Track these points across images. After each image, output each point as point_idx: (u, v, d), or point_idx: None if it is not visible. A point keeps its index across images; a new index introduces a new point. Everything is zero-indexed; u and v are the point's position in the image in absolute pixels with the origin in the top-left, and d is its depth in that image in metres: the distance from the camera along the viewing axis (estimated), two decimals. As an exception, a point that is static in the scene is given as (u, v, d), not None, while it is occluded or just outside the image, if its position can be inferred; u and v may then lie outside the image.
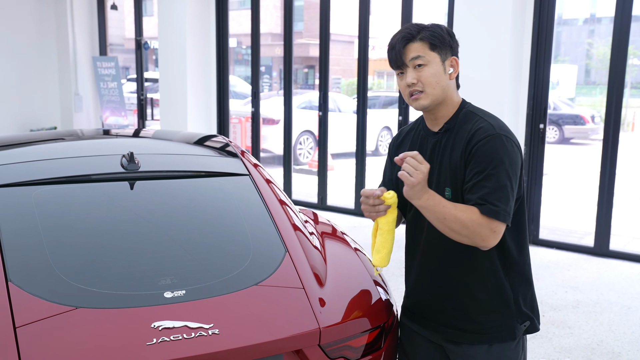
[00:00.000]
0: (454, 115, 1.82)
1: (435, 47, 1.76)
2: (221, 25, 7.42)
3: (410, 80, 1.76)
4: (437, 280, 1.85)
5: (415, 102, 1.79)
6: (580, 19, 31.27)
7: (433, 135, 1.85)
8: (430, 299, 1.88)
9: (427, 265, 1.87)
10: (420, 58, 1.75)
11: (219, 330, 1.66)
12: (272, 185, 2.44)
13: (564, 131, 14.24)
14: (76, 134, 3.01)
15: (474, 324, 1.83)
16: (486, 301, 1.82)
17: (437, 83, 1.77)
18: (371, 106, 12.55)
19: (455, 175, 1.75)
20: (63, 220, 2.04)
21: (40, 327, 1.60)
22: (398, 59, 1.78)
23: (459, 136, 1.77)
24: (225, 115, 7.64)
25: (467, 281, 1.82)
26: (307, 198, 7.29)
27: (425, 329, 1.92)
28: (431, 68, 1.76)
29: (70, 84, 8.37)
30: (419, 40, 1.76)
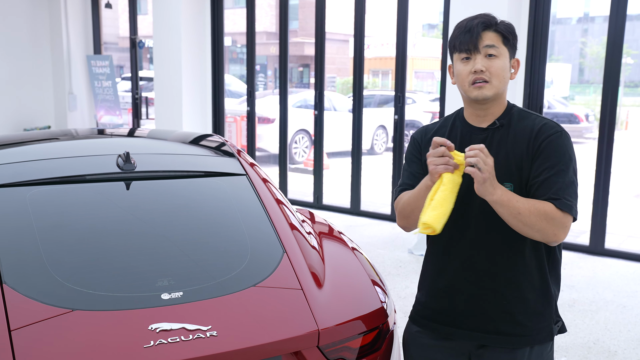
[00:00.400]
0: (504, 113, 1.80)
1: (507, 42, 1.75)
2: (216, 24, 7.39)
3: (479, 67, 1.71)
4: (482, 281, 1.79)
5: (478, 90, 1.73)
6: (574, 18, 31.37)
7: (480, 131, 1.80)
8: (468, 301, 1.81)
9: (473, 265, 1.79)
10: (494, 48, 1.72)
11: (217, 332, 1.65)
12: (268, 184, 2.43)
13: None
14: (71, 133, 2.99)
15: (519, 327, 1.78)
16: (534, 302, 1.79)
17: (503, 77, 1.74)
18: (366, 105, 12.55)
19: (520, 171, 1.72)
20: (58, 221, 2.02)
21: (35, 330, 1.58)
22: (472, 42, 1.72)
23: (519, 132, 1.75)
24: (221, 114, 7.62)
25: (518, 281, 1.77)
26: (303, 197, 7.28)
27: (452, 337, 1.85)
28: (501, 61, 1.73)
29: (64, 82, 8.32)
30: (495, 31, 1.73)
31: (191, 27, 7.23)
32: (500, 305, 1.79)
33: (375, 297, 1.98)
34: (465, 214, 1.79)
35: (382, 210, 6.70)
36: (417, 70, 24.54)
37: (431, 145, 1.69)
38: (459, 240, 1.82)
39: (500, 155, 1.75)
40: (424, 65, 24.56)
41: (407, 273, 4.77)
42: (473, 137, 1.81)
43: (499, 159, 1.74)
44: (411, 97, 13.57)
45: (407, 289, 4.44)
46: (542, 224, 1.64)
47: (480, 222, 1.77)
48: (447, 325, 1.87)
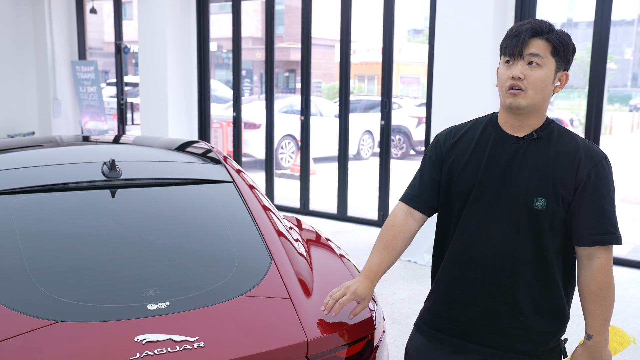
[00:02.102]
0: (543, 126, 1.75)
1: (556, 54, 1.68)
2: (202, 29, 7.36)
3: (517, 74, 1.66)
4: (503, 295, 1.74)
5: (512, 97, 1.68)
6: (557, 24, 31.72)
7: (514, 140, 1.74)
8: (485, 315, 1.76)
9: (495, 278, 1.74)
10: (538, 57, 1.66)
11: (204, 343, 1.62)
12: (255, 191, 2.41)
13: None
14: (55, 140, 2.95)
15: (532, 345, 1.75)
16: (550, 321, 1.75)
17: (542, 88, 1.68)
18: (352, 110, 12.56)
19: (557, 189, 1.68)
20: (42, 230, 1.98)
21: (18, 342, 1.54)
22: (517, 47, 1.66)
23: (561, 150, 1.70)
24: (207, 119, 7.58)
25: (539, 299, 1.74)
26: (290, 203, 7.26)
27: (461, 351, 1.81)
28: (543, 72, 1.67)
29: (48, 88, 8.24)
30: (545, 40, 1.67)
31: (177, 32, 7.19)
32: (517, 322, 1.75)
33: (365, 306, 1.96)
34: (492, 224, 1.74)
35: (369, 216, 6.69)
36: (402, 76, 24.64)
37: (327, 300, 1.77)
38: (482, 251, 1.76)
39: (535, 169, 1.71)
40: (409, 71, 24.67)
41: (394, 279, 4.76)
42: (506, 146, 1.75)
43: (534, 172, 1.70)
44: (397, 102, 13.61)
45: (395, 295, 4.43)
46: (614, 281, 1.72)
47: (510, 233, 1.72)
48: (458, 337, 1.82)
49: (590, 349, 1.71)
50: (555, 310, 1.75)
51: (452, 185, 1.81)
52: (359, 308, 1.78)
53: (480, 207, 1.75)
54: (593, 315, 1.70)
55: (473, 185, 1.76)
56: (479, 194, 1.75)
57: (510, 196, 1.72)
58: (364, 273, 1.81)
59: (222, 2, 7.84)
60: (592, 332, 1.70)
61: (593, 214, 1.67)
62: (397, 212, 1.89)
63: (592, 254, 1.69)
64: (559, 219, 1.71)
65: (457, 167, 1.80)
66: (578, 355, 1.73)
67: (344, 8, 6.37)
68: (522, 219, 1.71)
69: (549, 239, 1.71)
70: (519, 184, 1.71)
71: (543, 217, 1.69)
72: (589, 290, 1.69)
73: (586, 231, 1.68)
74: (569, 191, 1.69)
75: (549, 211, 1.69)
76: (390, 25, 6.09)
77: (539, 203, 1.69)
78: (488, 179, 1.74)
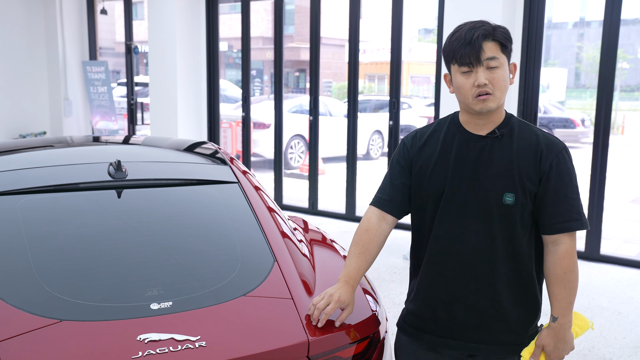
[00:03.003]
0: (504, 122, 1.79)
1: (505, 49, 1.72)
2: (211, 29, 7.39)
3: (482, 81, 1.69)
4: (483, 291, 1.78)
5: (483, 103, 1.71)
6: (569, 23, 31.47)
7: (478, 139, 1.79)
8: (467, 312, 1.81)
9: (474, 274, 1.78)
10: (495, 59, 1.69)
11: (206, 342, 1.63)
12: (261, 192, 2.42)
13: (555, 134, 14.31)
14: (65, 141, 2.98)
15: (513, 335, 1.81)
16: (528, 310, 1.82)
17: (505, 87, 1.72)
18: (362, 110, 12.57)
19: (524, 183, 1.73)
20: (48, 230, 2.01)
21: (22, 341, 1.56)
22: (474, 56, 1.68)
23: (521, 144, 1.75)
24: (216, 119, 7.61)
25: (516, 290, 1.79)
26: (298, 203, 7.27)
27: (445, 348, 1.85)
28: (502, 71, 1.71)
29: (59, 88, 8.31)
30: (493, 40, 1.69)
31: (186, 33, 7.23)
32: (498, 315, 1.80)
33: (367, 306, 1.96)
34: (465, 223, 1.78)
35: (378, 216, 6.67)
36: (413, 75, 24.59)
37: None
38: (458, 249, 1.79)
39: (501, 166, 1.75)
40: (420, 70, 24.61)
41: (401, 279, 4.76)
42: (471, 145, 1.79)
43: (500, 168, 1.74)
44: (407, 102, 13.58)
45: (402, 295, 4.42)
46: (577, 266, 1.77)
47: (483, 230, 1.76)
48: (442, 336, 1.86)
49: (555, 331, 1.76)
50: (532, 298, 1.82)
51: (423, 188, 1.84)
52: (345, 314, 1.78)
53: (453, 207, 1.79)
54: (558, 299, 1.75)
55: (444, 186, 1.80)
56: (450, 194, 1.79)
57: (481, 194, 1.76)
58: (344, 279, 1.82)
59: (232, 2, 7.87)
60: (557, 314, 1.76)
61: (557, 203, 1.73)
62: (370, 216, 1.91)
63: (557, 240, 1.75)
64: (528, 211, 1.76)
65: (427, 170, 1.84)
66: (544, 337, 1.78)
67: (353, 7, 6.37)
68: (493, 215, 1.75)
69: (520, 232, 1.76)
70: (487, 182, 1.76)
71: (514, 212, 1.74)
72: (554, 274, 1.75)
73: (551, 220, 1.74)
74: (534, 183, 1.74)
75: (518, 205, 1.74)
76: (398, 24, 6.08)
77: (508, 198, 1.73)
78: (457, 179, 1.78)
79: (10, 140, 3.05)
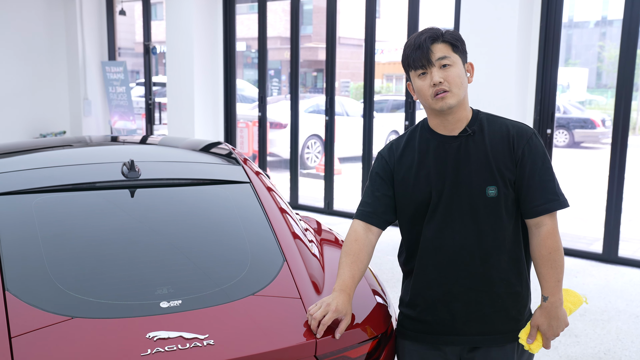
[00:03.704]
0: (472, 120, 1.86)
1: (457, 50, 1.80)
2: (228, 30, 7.44)
3: (437, 79, 1.77)
4: (478, 284, 1.83)
5: (442, 101, 1.78)
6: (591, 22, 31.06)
7: (452, 139, 1.84)
8: (467, 307, 1.84)
9: (467, 270, 1.83)
10: (446, 58, 1.78)
11: (214, 341, 1.65)
12: (273, 193, 2.43)
13: (574, 135, 14.14)
14: (81, 141, 3.02)
15: (513, 322, 1.87)
16: (522, 295, 1.87)
17: (461, 83, 1.80)
18: (379, 110, 12.54)
19: (502, 174, 1.79)
20: (62, 229, 2.04)
21: (35, 337, 1.60)
22: (424, 58, 1.77)
23: (494, 137, 1.82)
24: (232, 119, 7.65)
25: (509, 278, 1.84)
26: (314, 203, 7.28)
27: (449, 344, 1.88)
28: (456, 69, 1.79)
29: (79, 88, 8.42)
30: (443, 42, 1.79)
31: (203, 33, 7.28)
32: (496, 306, 1.85)
33: (375, 307, 1.97)
34: (453, 222, 1.83)
35: (393, 216, 6.65)
36: (432, 75, 24.39)
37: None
38: (450, 249, 1.84)
39: (479, 161, 1.81)
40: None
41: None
42: (447, 147, 1.85)
43: (479, 164, 1.81)
44: (424, 102, 13.48)
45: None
46: (561, 244, 1.84)
47: (471, 226, 1.82)
48: (445, 334, 1.88)
49: (547, 310, 1.82)
50: (525, 284, 1.88)
51: (409, 196, 1.88)
52: (344, 325, 1.77)
53: (439, 209, 1.84)
54: (546, 278, 1.81)
55: (429, 192, 1.84)
56: (436, 198, 1.84)
57: (465, 192, 1.81)
58: (339, 288, 1.82)
59: (250, 2, 7.90)
60: (547, 293, 1.81)
61: (534, 187, 1.80)
62: (356, 228, 1.93)
63: (540, 222, 1.81)
64: (512, 200, 1.82)
65: (410, 179, 1.88)
66: (537, 317, 1.83)
67: (369, 7, 6.37)
68: (479, 209, 1.81)
69: (507, 221, 1.82)
70: (468, 179, 1.81)
71: (498, 203, 1.80)
72: (540, 255, 1.81)
73: (531, 204, 1.80)
74: (512, 172, 1.81)
75: (501, 196, 1.80)
76: (414, 24, 6.06)
77: (490, 191, 1.80)
78: (440, 182, 1.83)
79: (28, 139, 3.10)
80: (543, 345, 1.85)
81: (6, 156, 2.49)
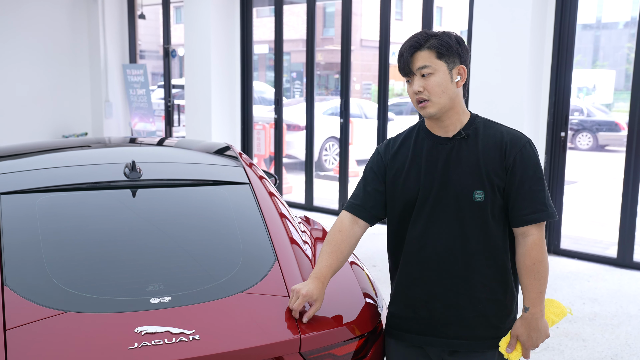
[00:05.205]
0: (469, 123, 1.86)
1: (442, 56, 1.79)
2: (245, 32, 7.52)
3: (416, 89, 1.81)
4: (459, 287, 1.84)
5: (423, 110, 1.83)
6: (620, 23, 30.49)
7: (446, 141, 1.86)
8: (446, 309, 1.85)
9: (449, 272, 1.84)
10: (426, 67, 1.79)
11: (200, 336, 1.70)
12: (272, 195, 2.48)
13: (598, 138, 13.92)
14: (91, 141, 3.11)
15: (493, 329, 1.86)
16: (505, 302, 1.86)
17: (442, 92, 1.80)
18: (399, 112, 12.50)
19: (492, 180, 1.80)
20: (62, 227, 2.12)
21: (28, 330, 1.66)
22: (406, 67, 1.81)
23: (488, 142, 1.82)
24: (249, 121, 7.73)
25: (491, 284, 1.84)
26: (330, 205, 7.31)
27: (428, 346, 1.90)
28: (437, 77, 1.79)
29: (101, 91, 8.60)
30: (427, 49, 1.79)
31: (221, 36, 7.38)
32: (476, 310, 1.85)
33: (363, 305, 1.99)
34: (439, 223, 1.84)
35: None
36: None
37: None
38: (434, 249, 1.85)
39: (469, 164, 1.82)
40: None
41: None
42: (440, 148, 1.87)
43: (469, 168, 1.81)
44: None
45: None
46: (547, 256, 1.82)
47: (456, 228, 1.83)
48: (425, 334, 1.90)
49: (527, 321, 1.81)
50: (510, 292, 1.87)
51: (398, 194, 1.91)
52: (312, 310, 1.82)
53: (426, 209, 1.85)
54: (529, 289, 1.80)
55: (417, 190, 1.86)
56: (423, 197, 1.85)
57: (451, 194, 1.82)
58: (314, 275, 1.86)
59: (268, 5, 7.98)
60: (528, 304, 1.81)
61: (523, 195, 1.80)
62: (343, 219, 1.97)
63: (526, 232, 1.81)
64: (499, 207, 1.82)
65: (400, 176, 1.90)
66: (518, 327, 1.83)
67: (383, 10, 6.39)
68: (465, 213, 1.81)
69: (493, 227, 1.82)
70: (457, 181, 1.82)
71: (484, 208, 1.81)
72: (524, 265, 1.80)
73: (518, 212, 1.80)
74: (502, 178, 1.81)
75: (488, 201, 1.80)
76: (428, 27, 6.06)
77: (477, 195, 1.80)
78: (429, 182, 1.85)
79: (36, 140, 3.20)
80: (522, 355, 1.85)
81: (14, 157, 2.58)
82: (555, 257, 5.37)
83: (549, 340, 3.68)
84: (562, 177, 5.41)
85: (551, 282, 4.75)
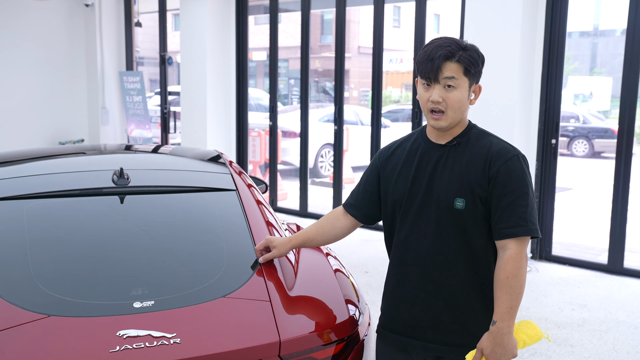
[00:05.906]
0: (464, 132, 1.89)
1: (468, 73, 1.79)
2: (241, 40, 7.58)
3: (436, 98, 1.79)
4: (438, 292, 1.86)
5: (434, 121, 1.83)
6: (618, 30, 30.60)
7: (438, 147, 1.89)
8: (425, 312, 1.88)
9: (431, 276, 1.86)
10: (453, 80, 1.78)
11: (181, 339, 1.73)
12: (259, 202, 2.51)
13: (594, 145, 13.97)
14: (82, 149, 3.15)
15: (471, 337, 1.86)
16: (483, 311, 1.86)
17: (459, 108, 1.81)
18: (395, 119, 12.57)
19: (473, 189, 1.80)
20: (49, 232, 2.16)
21: (11, 334, 1.69)
22: (432, 73, 1.77)
23: (475, 152, 1.83)
24: (244, 128, 7.78)
25: (470, 291, 1.85)
26: (324, 211, 7.35)
27: (410, 348, 1.93)
28: (459, 92, 1.79)
29: (97, 97, 8.65)
30: (457, 62, 1.77)
31: (216, 44, 7.43)
32: (454, 317, 1.86)
33: (343, 309, 2.02)
34: (421, 227, 1.87)
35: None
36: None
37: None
38: (416, 252, 1.88)
39: (454, 172, 1.84)
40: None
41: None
42: (431, 153, 1.89)
43: (453, 175, 1.83)
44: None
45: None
46: (524, 272, 1.78)
47: (437, 233, 1.85)
48: (405, 336, 1.93)
49: (493, 335, 1.76)
50: (489, 302, 1.84)
51: (389, 195, 1.95)
52: (269, 255, 2.05)
53: (412, 212, 1.89)
54: (499, 303, 1.76)
55: (404, 193, 1.90)
56: (409, 200, 1.89)
57: (434, 200, 1.85)
58: (290, 236, 2.05)
59: (264, 13, 8.04)
60: (496, 318, 1.76)
61: (504, 208, 1.78)
62: (336, 211, 2.11)
63: (505, 245, 1.79)
64: (481, 216, 1.82)
65: (392, 178, 1.95)
66: (483, 341, 1.78)
67: (377, 17, 6.45)
68: (445, 219, 1.84)
69: (474, 236, 1.83)
70: (441, 188, 1.84)
71: (465, 216, 1.82)
72: (498, 278, 1.77)
73: (497, 225, 1.79)
74: (484, 188, 1.80)
75: (468, 210, 1.81)
76: (421, 33, 6.12)
77: (458, 203, 1.81)
78: (416, 186, 1.88)
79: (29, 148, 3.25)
80: None
81: (4, 165, 2.62)
82: (547, 264, 5.41)
83: (537, 346, 3.71)
84: (553, 184, 5.45)
85: (541, 288, 4.78)
